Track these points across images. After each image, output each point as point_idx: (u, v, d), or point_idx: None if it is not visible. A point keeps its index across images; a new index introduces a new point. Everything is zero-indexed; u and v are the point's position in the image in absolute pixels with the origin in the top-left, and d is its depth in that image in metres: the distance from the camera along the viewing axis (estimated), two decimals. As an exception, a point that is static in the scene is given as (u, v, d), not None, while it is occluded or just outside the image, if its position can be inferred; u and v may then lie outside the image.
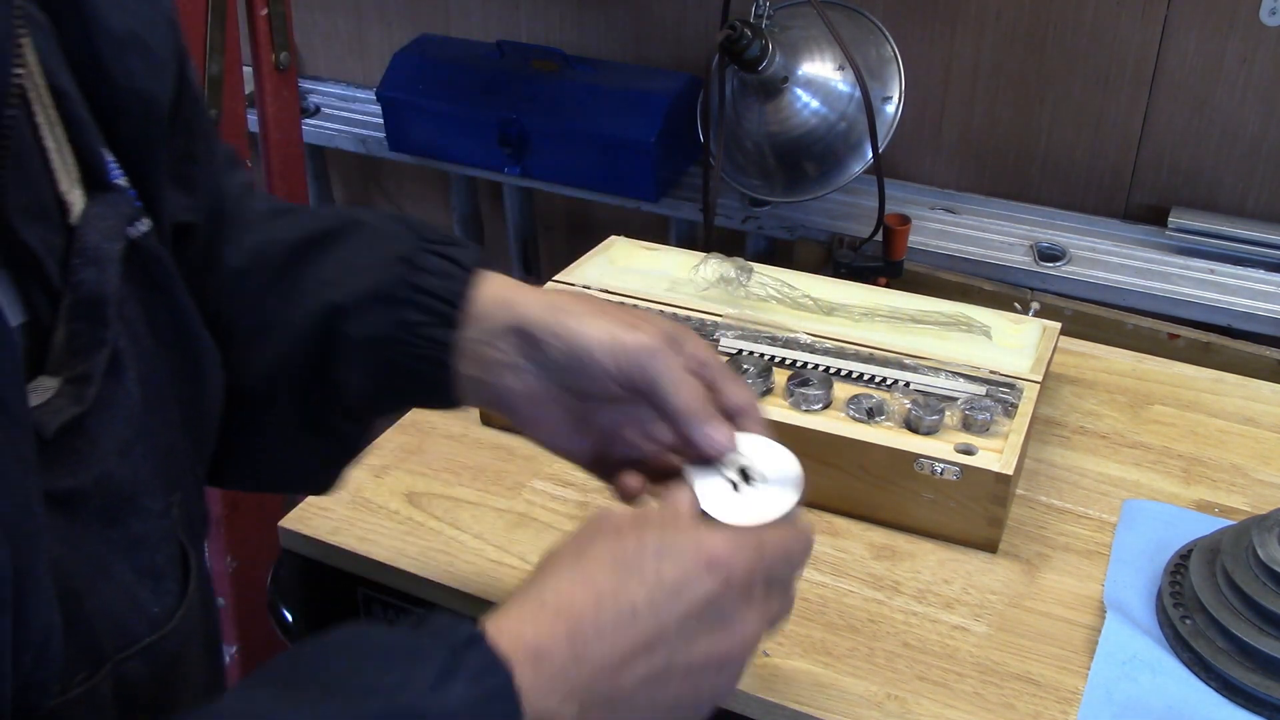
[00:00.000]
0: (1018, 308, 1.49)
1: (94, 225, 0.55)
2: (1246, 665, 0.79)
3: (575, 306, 0.68)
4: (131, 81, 0.60)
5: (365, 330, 0.69)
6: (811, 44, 1.58)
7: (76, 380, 0.53)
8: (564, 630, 0.53)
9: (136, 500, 0.56)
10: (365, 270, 0.71)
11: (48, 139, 0.54)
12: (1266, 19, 1.51)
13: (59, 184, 0.54)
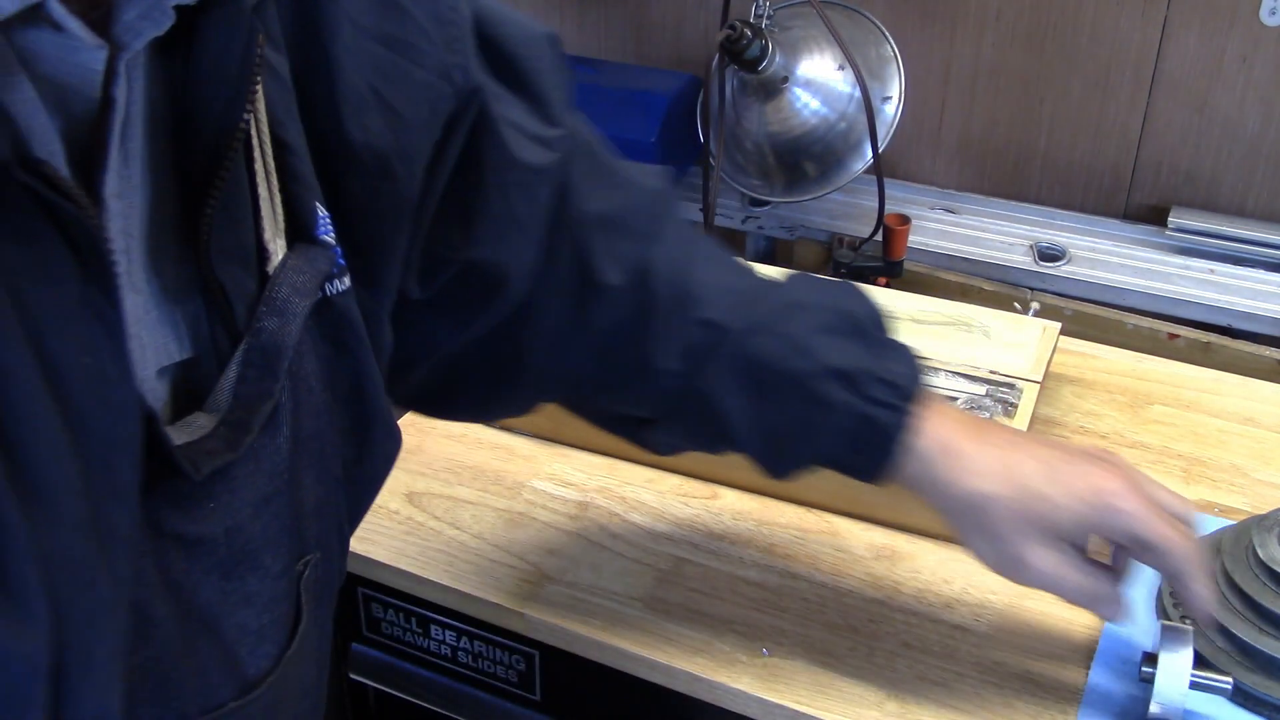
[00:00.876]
0: (1018, 308, 1.49)
1: (289, 277, 0.54)
2: (1246, 665, 0.79)
3: (973, 518, 0.74)
4: (367, 138, 0.60)
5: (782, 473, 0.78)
6: (811, 44, 1.58)
7: (234, 425, 0.52)
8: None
9: (259, 557, 0.54)
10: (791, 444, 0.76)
11: (261, 186, 0.53)
12: (1266, 19, 1.51)
13: (264, 231, 0.54)
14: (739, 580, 0.90)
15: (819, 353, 0.73)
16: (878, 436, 0.72)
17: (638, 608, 0.88)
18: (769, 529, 0.95)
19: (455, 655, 0.95)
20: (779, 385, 0.73)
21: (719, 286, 0.77)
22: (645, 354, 0.76)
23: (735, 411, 0.75)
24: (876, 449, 0.73)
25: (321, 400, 0.58)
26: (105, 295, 0.43)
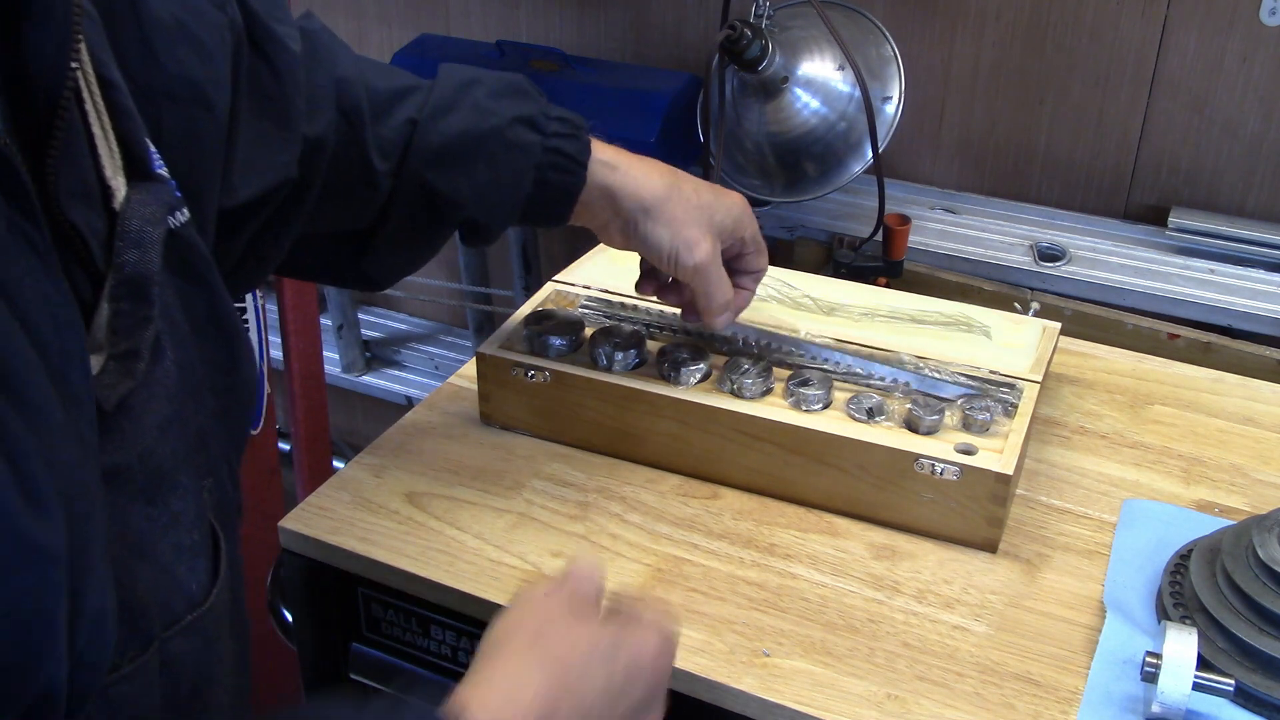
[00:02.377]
0: (1018, 308, 1.49)
1: (136, 210, 0.56)
2: (1246, 665, 0.79)
3: (657, 209, 0.91)
4: (182, 70, 0.62)
5: (499, 229, 0.92)
6: (811, 44, 1.58)
7: (124, 356, 0.54)
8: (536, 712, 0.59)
9: (175, 477, 0.58)
10: (503, 189, 0.89)
11: (95, 126, 0.55)
12: (1266, 19, 1.51)
13: (104, 170, 0.56)
14: (739, 580, 0.90)
15: (501, 110, 0.88)
16: (569, 161, 0.90)
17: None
18: (769, 529, 0.95)
19: (455, 655, 0.95)
20: (478, 146, 0.88)
21: (394, 88, 0.89)
22: (365, 161, 0.86)
23: (445, 182, 0.87)
24: (570, 174, 0.90)
25: (185, 331, 0.60)
26: (33, 223, 0.46)
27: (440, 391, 1.13)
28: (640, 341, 1.04)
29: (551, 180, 0.90)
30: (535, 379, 1.02)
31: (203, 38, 0.65)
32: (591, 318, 1.09)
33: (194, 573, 0.59)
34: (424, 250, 0.95)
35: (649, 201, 0.91)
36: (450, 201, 0.88)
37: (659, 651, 0.67)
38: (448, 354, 2.34)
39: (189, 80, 0.63)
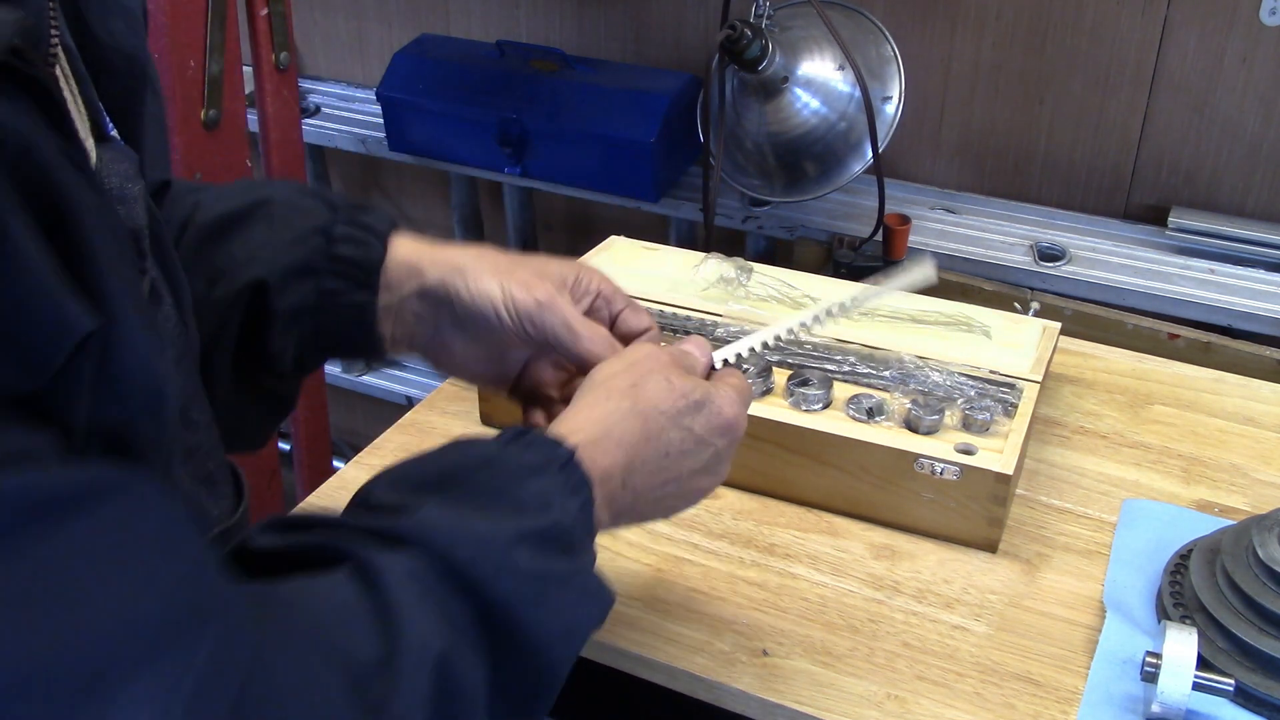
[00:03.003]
0: (1018, 308, 1.49)
1: (112, 169, 0.57)
2: (1246, 665, 0.79)
3: (474, 265, 0.76)
4: (115, 41, 0.62)
5: (291, 302, 0.75)
6: (811, 44, 1.58)
7: None
8: (622, 462, 0.66)
9: (188, 412, 0.60)
10: (287, 247, 0.76)
11: (65, 91, 0.55)
12: (1266, 19, 1.51)
13: (78, 133, 0.55)
14: (739, 580, 0.90)
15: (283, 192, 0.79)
16: (363, 231, 0.76)
17: (638, 608, 0.88)
18: (769, 529, 0.95)
19: (455, 655, 0.95)
20: (255, 208, 0.78)
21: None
22: None
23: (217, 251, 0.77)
24: (364, 244, 0.76)
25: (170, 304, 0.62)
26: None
27: (440, 391, 1.13)
28: (640, 341, 1.03)
29: (343, 253, 0.76)
30: (535, 379, 1.02)
31: (133, 9, 0.64)
32: (591, 318, 1.08)
33: (216, 499, 0.62)
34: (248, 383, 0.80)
35: (462, 261, 0.76)
36: (219, 266, 0.76)
37: (735, 419, 0.72)
38: (448, 354, 2.34)
39: (124, 53, 0.62)
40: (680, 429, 0.69)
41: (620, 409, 0.68)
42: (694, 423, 0.70)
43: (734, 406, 0.72)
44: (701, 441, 0.70)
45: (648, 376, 0.70)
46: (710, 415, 0.70)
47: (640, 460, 0.68)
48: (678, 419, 0.69)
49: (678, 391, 0.70)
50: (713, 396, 0.71)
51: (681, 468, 0.70)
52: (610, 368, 0.71)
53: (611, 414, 0.68)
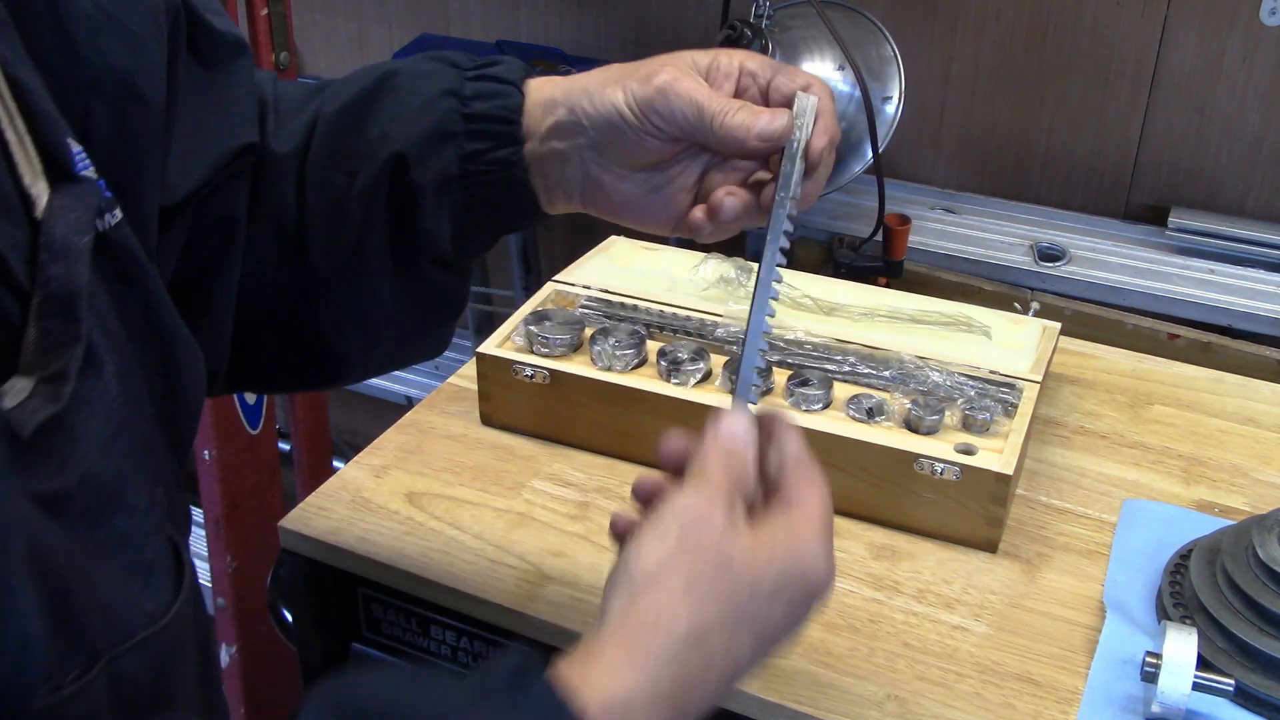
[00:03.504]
0: (1018, 308, 1.49)
1: (60, 219, 0.53)
2: (1247, 665, 0.79)
3: (598, 79, 0.70)
4: (106, 60, 0.59)
5: (434, 172, 0.71)
6: (811, 44, 1.58)
7: (51, 379, 0.51)
8: (666, 691, 0.53)
9: (121, 497, 0.55)
10: (417, 115, 0.72)
11: (8, 132, 0.53)
12: (1266, 19, 1.51)
13: (22, 178, 0.53)
14: (739, 580, 0.90)
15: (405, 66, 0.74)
16: (494, 83, 0.72)
17: (638, 608, 0.88)
18: (769, 529, 0.95)
19: (455, 655, 0.95)
20: (379, 87, 0.74)
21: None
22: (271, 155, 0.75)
23: (349, 138, 0.74)
24: (498, 96, 0.71)
25: (121, 338, 0.58)
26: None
27: (440, 391, 1.13)
28: (640, 341, 1.04)
29: (478, 110, 0.72)
30: (535, 379, 1.02)
31: (131, 26, 0.61)
32: (591, 318, 1.09)
33: (150, 590, 0.56)
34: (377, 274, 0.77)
35: (587, 81, 0.70)
36: (358, 152, 0.73)
37: (826, 574, 0.58)
38: (448, 354, 2.33)
39: (117, 71, 0.60)
40: (753, 627, 0.56)
41: (668, 643, 0.54)
42: (773, 611, 0.56)
43: (825, 571, 0.58)
44: (787, 622, 0.58)
45: (699, 557, 0.55)
46: (794, 593, 0.57)
47: (700, 676, 0.54)
48: (748, 618, 0.56)
49: (744, 581, 0.56)
50: (796, 549, 0.57)
51: (764, 649, 0.58)
52: (649, 550, 0.56)
53: (653, 652, 0.53)
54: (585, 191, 0.73)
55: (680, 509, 0.57)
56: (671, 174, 0.72)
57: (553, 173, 0.72)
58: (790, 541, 0.58)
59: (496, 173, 0.72)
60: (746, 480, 0.60)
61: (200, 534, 2.04)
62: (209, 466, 1.67)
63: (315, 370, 0.82)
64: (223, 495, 1.69)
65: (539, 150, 0.72)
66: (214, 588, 1.78)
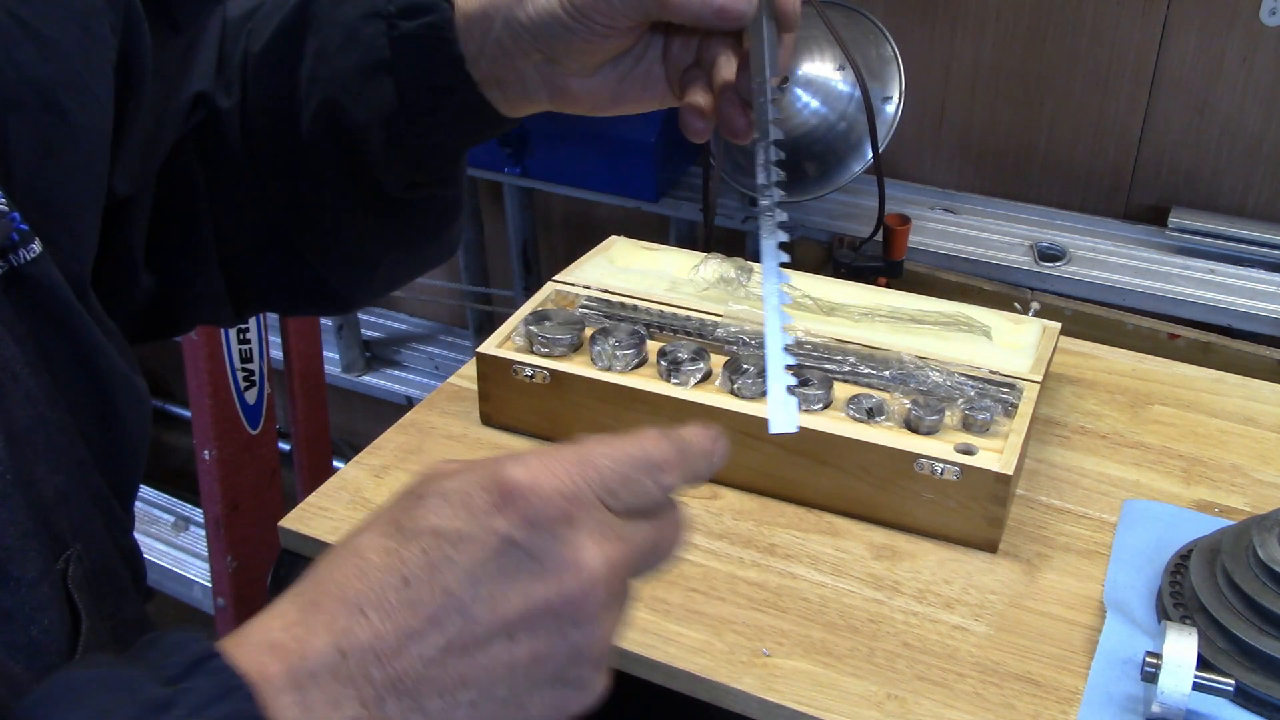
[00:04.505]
0: (1018, 308, 1.49)
1: None
2: (1247, 665, 0.79)
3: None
4: (22, 72, 0.55)
5: (373, 110, 0.67)
6: (811, 44, 1.58)
7: None
8: (322, 622, 0.43)
9: (3, 569, 0.49)
10: (342, 49, 0.67)
11: None
12: (1266, 19, 1.51)
13: None
14: (739, 580, 0.90)
15: None
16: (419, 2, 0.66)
17: (638, 608, 0.88)
18: (769, 529, 0.95)
19: (455, 655, 0.95)
20: (299, 25, 0.69)
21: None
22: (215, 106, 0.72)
23: (276, 79, 0.70)
24: (427, 11, 0.66)
25: (34, 385, 0.53)
26: None
27: (440, 391, 1.13)
28: (640, 341, 1.04)
29: (405, 29, 0.66)
30: (535, 379, 1.02)
31: (49, 34, 0.56)
32: (591, 318, 1.09)
33: (35, 670, 0.49)
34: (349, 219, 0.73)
35: None
36: (292, 99, 0.68)
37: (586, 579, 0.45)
38: (448, 354, 2.34)
39: (34, 84, 0.55)
40: (417, 537, 0.45)
41: (329, 562, 0.45)
42: (439, 517, 0.45)
43: (522, 468, 0.48)
44: (460, 535, 0.45)
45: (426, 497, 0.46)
46: (465, 494, 0.46)
47: (357, 609, 0.43)
48: (406, 527, 0.45)
49: (414, 491, 0.47)
50: (465, 475, 0.47)
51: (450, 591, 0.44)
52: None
53: (316, 572, 0.45)
54: (555, 99, 0.68)
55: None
56: (635, 55, 0.67)
57: (513, 87, 0.67)
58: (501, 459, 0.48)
59: (442, 97, 0.66)
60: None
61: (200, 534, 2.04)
62: (209, 466, 1.67)
63: (322, 297, 0.80)
64: (223, 495, 1.69)
65: (487, 71, 0.66)
66: (214, 588, 1.79)
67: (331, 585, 0.44)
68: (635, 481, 0.48)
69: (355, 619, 0.43)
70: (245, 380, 1.66)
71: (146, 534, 2.15)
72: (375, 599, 0.43)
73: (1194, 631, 0.76)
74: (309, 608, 0.43)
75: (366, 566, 0.44)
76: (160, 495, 2.24)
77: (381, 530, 0.45)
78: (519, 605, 0.44)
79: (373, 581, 0.44)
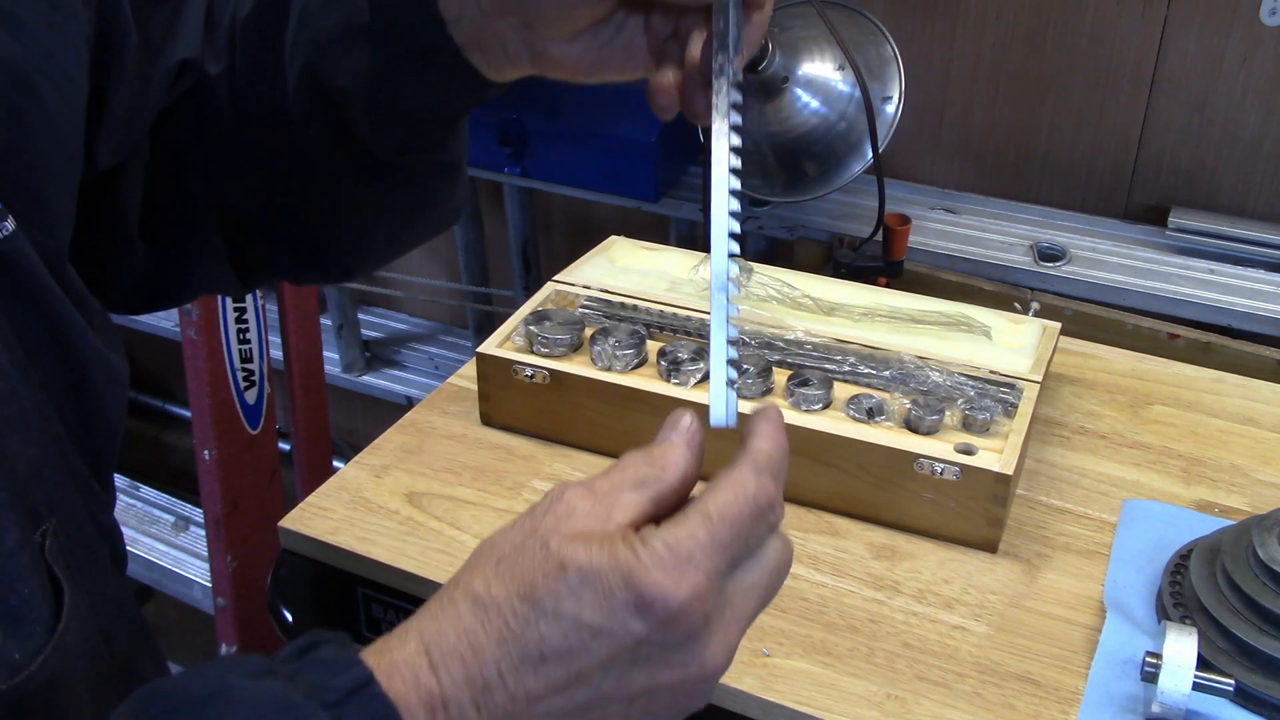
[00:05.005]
0: (1018, 308, 1.49)
1: None
2: (1247, 665, 0.79)
3: None
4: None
5: (353, 76, 0.66)
6: (811, 44, 1.58)
7: None
8: (462, 675, 0.47)
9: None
10: (322, 11, 0.66)
11: None
12: (1266, 19, 1.51)
13: None
14: (739, 580, 0.90)
15: None
16: None
17: (638, 608, 0.88)
18: (769, 529, 0.95)
19: (455, 655, 0.95)
20: None
21: None
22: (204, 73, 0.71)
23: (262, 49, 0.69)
24: None
25: (6, 359, 0.54)
26: None
27: (440, 391, 1.13)
28: (640, 341, 1.04)
29: None
30: (535, 379, 1.02)
31: (14, 12, 0.56)
32: (591, 318, 1.09)
33: (17, 639, 0.50)
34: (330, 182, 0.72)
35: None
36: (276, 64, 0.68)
37: (681, 601, 0.47)
38: (448, 354, 2.34)
39: (5, 64, 0.55)
40: (554, 620, 0.47)
41: (461, 605, 0.49)
42: (579, 607, 0.47)
43: (657, 575, 0.46)
44: (598, 631, 0.47)
45: (513, 554, 0.49)
46: (604, 591, 0.47)
47: (495, 668, 0.47)
48: (542, 604, 0.47)
49: (542, 564, 0.48)
50: (600, 568, 0.47)
51: (585, 673, 0.47)
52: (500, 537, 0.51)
53: (445, 613, 0.49)
54: (536, 64, 0.67)
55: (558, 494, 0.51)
56: (616, 24, 0.66)
57: (494, 50, 0.66)
58: (637, 546, 0.47)
59: (423, 60, 0.65)
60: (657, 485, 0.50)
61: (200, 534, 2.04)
62: (209, 466, 1.67)
63: (324, 264, 0.80)
64: (223, 495, 1.69)
65: (468, 33, 0.65)
66: (214, 588, 1.79)
67: (467, 639, 0.48)
68: (755, 536, 0.50)
69: (493, 679, 0.47)
70: (245, 380, 1.66)
71: (146, 534, 2.15)
72: (513, 667, 0.47)
73: (1194, 631, 0.76)
74: (450, 655, 0.47)
75: (507, 633, 0.47)
76: (160, 495, 2.24)
77: (519, 591, 0.48)
78: (644, 685, 0.48)
79: (511, 650, 0.47)
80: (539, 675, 0.47)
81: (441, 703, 0.46)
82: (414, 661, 0.47)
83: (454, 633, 0.48)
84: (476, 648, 0.47)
